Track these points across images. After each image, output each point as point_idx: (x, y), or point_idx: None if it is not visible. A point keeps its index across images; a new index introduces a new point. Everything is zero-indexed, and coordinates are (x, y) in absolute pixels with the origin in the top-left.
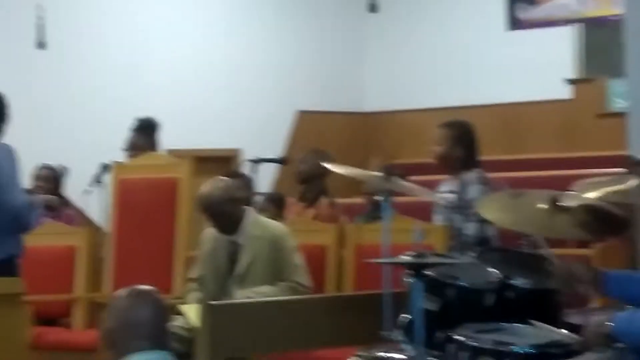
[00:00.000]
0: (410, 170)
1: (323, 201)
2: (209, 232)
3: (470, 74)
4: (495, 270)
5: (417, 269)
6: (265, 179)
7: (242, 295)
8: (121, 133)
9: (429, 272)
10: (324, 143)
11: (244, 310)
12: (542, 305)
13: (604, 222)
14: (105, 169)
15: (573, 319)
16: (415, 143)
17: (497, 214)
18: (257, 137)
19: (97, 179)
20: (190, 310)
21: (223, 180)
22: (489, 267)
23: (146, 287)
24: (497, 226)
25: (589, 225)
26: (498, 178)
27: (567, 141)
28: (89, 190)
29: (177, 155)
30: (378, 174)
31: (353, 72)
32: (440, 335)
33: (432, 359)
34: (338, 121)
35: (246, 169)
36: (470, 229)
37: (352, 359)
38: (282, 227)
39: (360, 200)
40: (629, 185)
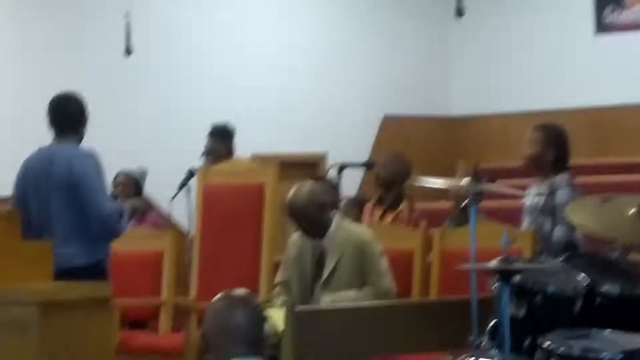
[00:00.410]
0: (497, 174)
1: (403, 206)
2: (295, 237)
3: (557, 78)
4: (583, 276)
5: (504, 274)
6: (351, 184)
7: (327, 300)
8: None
9: (517, 278)
10: (410, 147)
11: (328, 315)
12: (631, 311)
13: None
14: (191, 175)
15: None
16: (501, 147)
17: (586, 218)
18: (343, 141)
19: (183, 184)
20: (276, 315)
21: (309, 184)
22: (576, 273)
23: (243, 291)
24: (586, 231)
25: None
26: (585, 182)
27: None
28: (175, 195)
29: (263, 160)
30: (465, 179)
31: (439, 76)
32: (528, 341)
33: None
34: (424, 125)
35: (332, 174)
36: (559, 232)
37: None
38: (368, 232)
39: (447, 204)
40: None
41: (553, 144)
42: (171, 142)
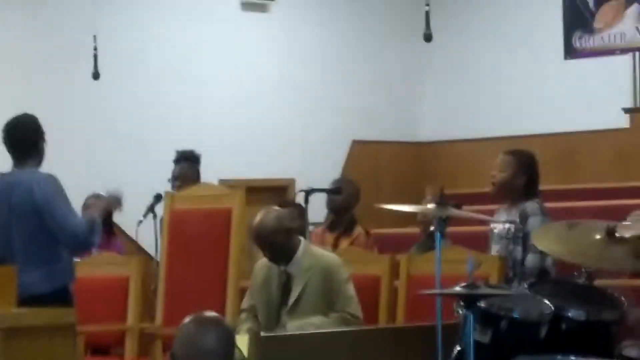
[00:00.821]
0: (466, 200)
1: (358, 230)
2: (262, 263)
3: (525, 103)
4: (548, 302)
5: (469, 300)
6: (319, 209)
7: (293, 326)
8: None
9: (482, 304)
10: (378, 172)
11: (293, 341)
12: (597, 337)
13: None
14: (157, 199)
15: (628, 351)
16: (470, 173)
17: (553, 244)
18: (312, 166)
19: (150, 209)
20: (242, 341)
21: (275, 210)
22: (542, 299)
23: (213, 314)
24: (555, 257)
25: None
26: (554, 208)
27: (624, 171)
28: (141, 220)
29: (230, 185)
30: (431, 205)
31: (408, 101)
32: None
33: None
34: (393, 150)
35: (299, 199)
36: (531, 261)
37: None
38: (335, 257)
39: (415, 230)
40: None
41: (524, 169)
42: (138, 166)
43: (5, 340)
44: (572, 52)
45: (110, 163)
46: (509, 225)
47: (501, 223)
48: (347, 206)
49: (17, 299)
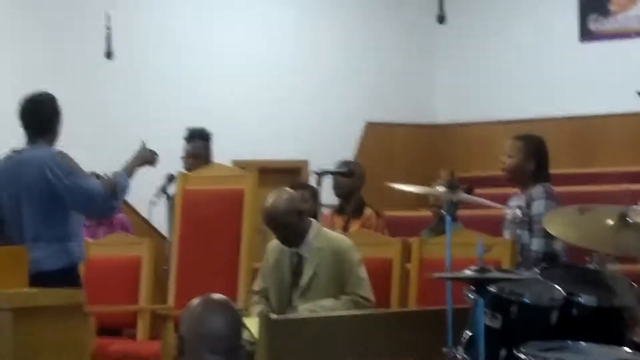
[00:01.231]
0: (479, 183)
1: (368, 212)
2: (274, 244)
3: (541, 87)
4: (559, 287)
5: (479, 284)
6: (332, 191)
7: (304, 309)
8: None
9: (492, 289)
10: (392, 154)
11: (303, 324)
12: (608, 323)
13: None
14: (170, 180)
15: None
16: (484, 155)
17: (564, 229)
18: (325, 148)
19: (163, 189)
20: (253, 324)
21: (287, 191)
22: (553, 284)
23: (220, 296)
24: (565, 242)
25: None
26: (568, 192)
27: (639, 154)
28: (154, 200)
29: (243, 166)
30: (441, 188)
31: (422, 83)
32: (503, 353)
33: None
34: (407, 133)
35: (312, 181)
36: (536, 244)
37: None
38: (346, 239)
39: (426, 213)
40: None
41: (533, 154)
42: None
43: (16, 320)
44: (587, 35)
45: (122, 142)
46: (516, 210)
47: (510, 208)
48: (353, 188)
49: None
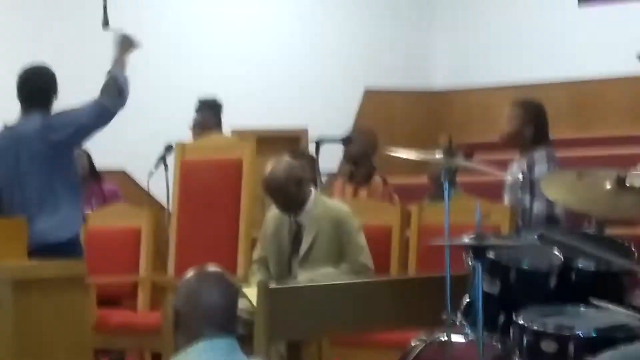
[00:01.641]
0: (479, 149)
1: (376, 180)
2: (273, 213)
3: (540, 51)
4: (558, 251)
5: (477, 251)
6: (331, 159)
7: (304, 277)
8: (186, 113)
9: (490, 255)
10: (391, 121)
11: (302, 293)
12: (606, 287)
13: None
14: (169, 150)
15: (638, 301)
16: (485, 121)
17: (562, 193)
18: (324, 116)
19: (161, 159)
20: (253, 293)
21: (286, 160)
22: (551, 249)
23: (216, 268)
24: (561, 205)
25: None
26: (567, 156)
27: (638, 119)
28: (153, 171)
29: (241, 135)
30: (439, 154)
31: (421, 49)
32: (502, 318)
33: (493, 342)
34: (406, 99)
35: (311, 149)
36: (537, 208)
37: (414, 342)
38: (345, 207)
39: (425, 179)
40: None
41: (531, 119)
42: (148, 117)
43: (16, 292)
44: None
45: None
46: (518, 174)
47: (510, 173)
48: (362, 156)
49: (30, 248)
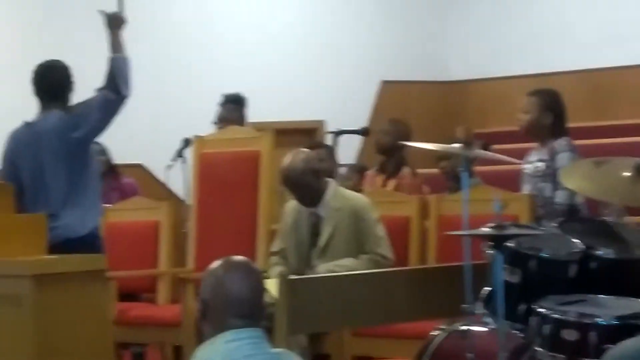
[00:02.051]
0: (496, 139)
1: (405, 171)
2: (292, 205)
3: (555, 40)
4: (578, 240)
5: (497, 240)
6: (349, 150)
7: (323, 268)
8: (203, 107)
9: (510, 244)
10: (409, 113)
11: (323, 284)
12: (626, 275)
13: None
14: (187, 144)
15: None
16: (502, 111)
17: (580, 182)
18: (341, 108)
19: (179, 153)
20: (272, 285)
21: (304, 151)
22: (571, 238)
23: (242, 258)
24: (580, 194)
25: None
26: (584, 145)
27: None
28: (171, 164)
29: (259, 128)
30: (457, 145)
31: (437, 41)
32: (522, 307)
33: (514, 331)
34: (423, 90)
35: (329, 141)
36: (560, 197)
37: (435, 332)
38: (364, 198)
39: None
40: None
41: (549, 108)
42: (165, 111)
43: (36, 287)
44: None
45: (140, 109)
46: (538, 163)
47: (529, 162)
48: (393, 147)
49: (53, 244)
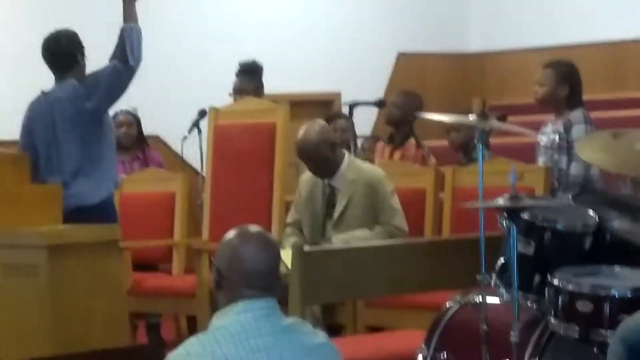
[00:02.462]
0: (513, 111)
1: (410, 143)
2: (307, 177)
3: (573, 12)
4: (593, 212)
5: (511, 212)
6: (365, 122)
7: (338, 239)
8: (218, 79)
9: (525, 216)
10: (425, 85)
11: (337, 255)
12: None
13: None
14: (202, 115)
15: None
16: (518, 83)
17: (596, 154)
18: (357, 80)
19: (195, 124)
20: (287, 255)
21: (319, 123)
22: (586, 209)
23: (257, 227)
24: (596, 166)
25: None
26: (600, 117)
27: None
28: (187, 136)
29: (275, 99)
30: (472, 116)
31: (454, 12)
32: (537, 279)
33: (528, 303)
34: (440, 62)
35: (345, 112)
36: (575, 169)
37: (449, 304)
38: (379, 170)
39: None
40: None
41: (565, 80)
42: (181, 83)
43: (51, 257)
44: None
45: (156, 80)
46: (553, 135)
47: (544, 134)
48: (401, 119)
49: (65, 212)
